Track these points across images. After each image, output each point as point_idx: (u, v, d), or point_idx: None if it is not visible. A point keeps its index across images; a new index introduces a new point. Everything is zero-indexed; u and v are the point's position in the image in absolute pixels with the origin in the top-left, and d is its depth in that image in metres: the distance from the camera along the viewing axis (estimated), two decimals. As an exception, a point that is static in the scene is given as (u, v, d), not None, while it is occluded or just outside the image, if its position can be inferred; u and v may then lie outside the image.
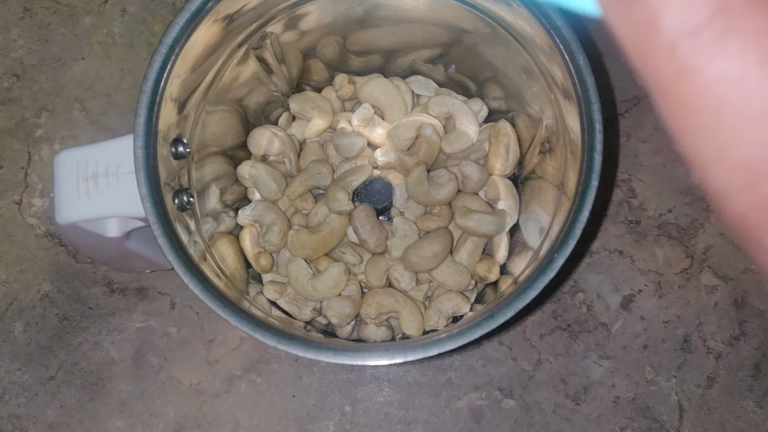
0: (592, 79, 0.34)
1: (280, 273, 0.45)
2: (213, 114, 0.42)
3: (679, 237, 0.56)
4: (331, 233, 0.44)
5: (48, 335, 0.54)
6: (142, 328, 0.54)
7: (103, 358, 0.54)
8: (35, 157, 0.57)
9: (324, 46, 0.46)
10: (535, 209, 0.44)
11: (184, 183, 0.37)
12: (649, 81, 0.18)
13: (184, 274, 0.32)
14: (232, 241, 0.45)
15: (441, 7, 0.41)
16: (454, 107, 0.45)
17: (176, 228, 0.33)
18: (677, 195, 0.57)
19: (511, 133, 0.44)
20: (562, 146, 0.38)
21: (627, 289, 0.55)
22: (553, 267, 0.32)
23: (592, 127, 0.33)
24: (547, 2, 0.33)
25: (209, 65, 0.39)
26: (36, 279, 0.55)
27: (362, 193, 0.46)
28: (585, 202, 0.32)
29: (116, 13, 0.59)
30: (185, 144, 0.37)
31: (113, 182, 0.35)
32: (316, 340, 0.32)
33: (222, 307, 0.32)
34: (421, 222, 0.44)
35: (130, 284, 0.55)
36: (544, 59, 0.37)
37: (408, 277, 0.44)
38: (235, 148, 0.46)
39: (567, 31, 0.34)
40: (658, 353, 0.54)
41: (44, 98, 0.58)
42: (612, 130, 0.57)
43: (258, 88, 0.46)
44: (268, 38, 0.41)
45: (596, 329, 0.55)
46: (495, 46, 0.42)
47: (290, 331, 0.32)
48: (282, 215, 0.45)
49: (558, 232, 0.33)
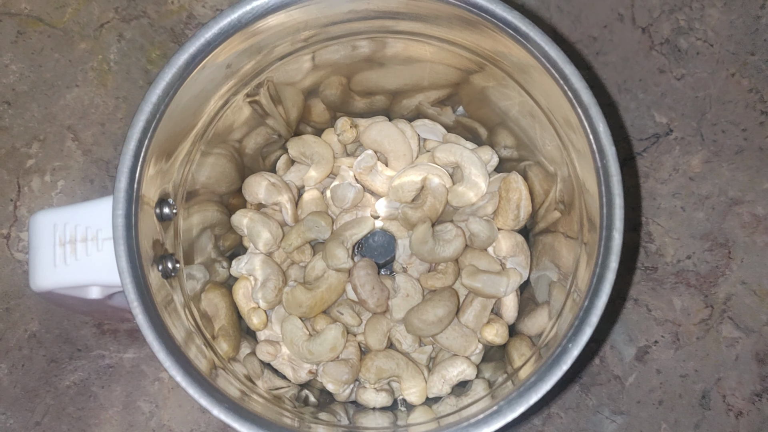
0: (612, 149, 0.31)
1: (275, 330, 0.42)
2: (206, 158, 0.39)
3: (698, 285, 0.53)
4: (329, 290, 0.41)
5: (35, 378, 0.52)
6: (133, 372, 0.52)
7: (92, 403, 0.52)
8: (25, 188, 0.55)
9: (327, 86, 0.43)
10: (549, 266, 0.41)
11: (168, 247, 0.35)
12: None
13: (165, 360, 0.29)
14: (226, 294, 0.42)
15: (449, 56, 0.38)
16: (462, 157, 0.42)
17: (159, 307, 0.31)
18: (697, 240, 0.54)
19: (523, 188, 0.41)
20: (578, 206, 0.36)
21: (642, 340, 0.53)
22: (565, 359, 0.29)
23: (611, 202, 0.31)
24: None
25: (200, 116, 0.36)
26: (23, 318, 0.53)
27: (363, 245, 0.44)
28: (602, 286, 0.30)
29: (112, 38, 0.57)
30: (171, 205, 0.35)
31: (92, 248, 0.32)
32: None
33: (206, 397, 0.30)
34: (425, 280, 0.42)
35: (120, 326, 0.53)
36: (560, 119, 0.34)
37: (411, 338, 0.42)
38: (229, 194, 0.44)
39: (586, 95, 0.31)
40: (674, 409, 0.52)
41: (36, 127, 0.56)
42: (628, 170, 0.55)
43: (255, 129, 0.43)
44: (264, 85, 0.39)
45: (609, 382, 0.52)
46: (506, 93, 0.39)
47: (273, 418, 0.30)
48: (277, 270, 0.42)
49: (572, 318, 0.30)
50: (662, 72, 0.56)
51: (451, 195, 0.42)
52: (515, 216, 0.41)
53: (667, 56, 0.56)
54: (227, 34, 0.33)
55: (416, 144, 0.45)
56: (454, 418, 0.34)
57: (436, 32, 0.37)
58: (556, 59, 0.31)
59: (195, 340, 0.35)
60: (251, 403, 0.35)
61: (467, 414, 0.31)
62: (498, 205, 0.42)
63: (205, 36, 0.33)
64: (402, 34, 0.38)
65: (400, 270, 0.44)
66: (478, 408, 0.31)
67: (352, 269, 0.41)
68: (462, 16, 0.33)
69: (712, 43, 0.56)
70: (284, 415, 0.36)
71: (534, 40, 0.32)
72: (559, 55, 0.31)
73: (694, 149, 0.55)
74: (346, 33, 0.37)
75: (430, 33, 0.37)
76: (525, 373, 0.33)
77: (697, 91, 0.56)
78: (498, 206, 0.42)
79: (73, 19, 0.57)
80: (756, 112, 0.55)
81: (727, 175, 0.55)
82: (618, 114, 0.55)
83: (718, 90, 0.56)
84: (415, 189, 0.42)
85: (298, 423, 0.36)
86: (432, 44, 0.38)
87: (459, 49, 0.37)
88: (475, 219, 0.41)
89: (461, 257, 0.42)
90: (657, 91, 0.55)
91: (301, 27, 0.36)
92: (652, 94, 0.55)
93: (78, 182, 0.55)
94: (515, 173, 0.41)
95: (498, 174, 0.44)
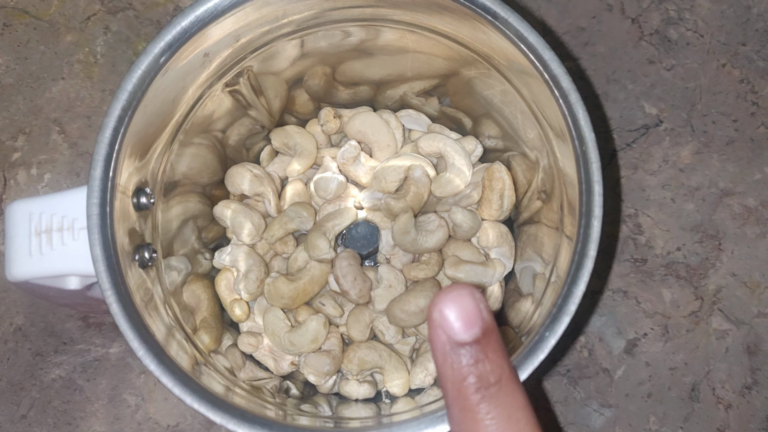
0: (592, 135, 0.30)
1: (257, 322, 0.42)
2: (186, 148, 0.39)
3: (688, 277, 0.53)
4: (312, 281, 0.41)
5: (20, 371, 0.52)
6: (119, 365, 0.52)
7: (77, 396, 0.51)
8: (11, 182, 0.55)
9: (311, 77, 0.43)
10: (533, 256, 0.41)
11: (147, 238, 0.35)
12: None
13: (138, 350, 0.29)
14: (208, 286, 0.42)
15: (432, 45, 0.38)
16: (446, 147, 0.41)
17: (134, 296, 0.31)
18: (687, 232, 0.53)
19: (507, 178, 0.41)
20: (558, 195, 0.35)
21: (631, 332, 0.52)
22: (542, 347, 0.29)
23: (590, 189, 0.30)
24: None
25: (178, 105, 0.36)
26: (8, 312, 0.52)
27: (346, 236, 0.43)
28: (581, 273, 0.29)
29: (99, 30, 0.56)
30: (149, 194, 0.34)
31: (68, 238, 0.32)
32: (283, 424, 0.29)
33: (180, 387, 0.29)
34: (408, 271, 0.41)
35: (106, 318, 0.52)
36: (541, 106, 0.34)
37: (393, 329, 0.41)
38: (212, 186, 0.43)
39: (566, 81, 0.31)
40: (663, 402, 0.51)
41: (21, 120, 0.55)
42: (614, 165, 0.54)
43: (238, 120, 0.43)
44: (244, 74, 0.38)
45: (597, 375, 0.52)
46: (491, 83, 0.39)
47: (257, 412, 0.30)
48: (260, 261, 0.42)
49: (550, 305, 0.30)
50: (652, 62, 0.55)
51: (435, 185, 0.42)
52: (499, 206, 0.41)
53: (657, 47, 0.55)
54: (204, 22, 0.33)
55: (401, 134, 0.44)
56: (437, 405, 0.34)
57: (416, 19, 0.37)
58: (535, 45, 0.31)
59: (175, 335, 0.35)
60: (233, 396, 0.34)
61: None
62: (482, 195, 0.42)
63: (181, 24, 0.32)
64: (380, 21, 0.38)
65: (383, 261, 0.44)
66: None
67: (334, 260, 0.41)
68: (439, 3, 0.33)
69: (703, 34, 0.56)
70: (267, 407, 0.36)
71: (512, 25, 0.31)
72: (538, 41, 0.31)
73: (684, 140, 0.55)
74: (325, 21, 0.37)
75: (409, 20, 0.37)
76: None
77: (687, 81, 0.55)
78: (482, 196, 0.42)
79: (59, 11, 0.57)
80: (747, 103, 0.55)
81: (718, 167, 0.54)
82: (610, 105, 0.55)
83: (708, 81, 0.55)
84: (399, 179, 0.42)
85: (282, 416, 0.35)
86: (414, 32, 0.38)
87: (440, 37, 0.37)
88: (458, 209, 0.40)
89: (445, 248, 0.42)
90: (646, 81, 0.55)
91: (281, 15, 0.35)
92: (641, 85, 0.55)
93: (64, 175, 0.54)
94: (498, 163, 0.41)
95: (482, 164, 0.43)
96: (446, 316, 0.21)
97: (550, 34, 0.55)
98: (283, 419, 0.34)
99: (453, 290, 0.21)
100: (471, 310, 0.21)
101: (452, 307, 0.21)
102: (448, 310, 0.21)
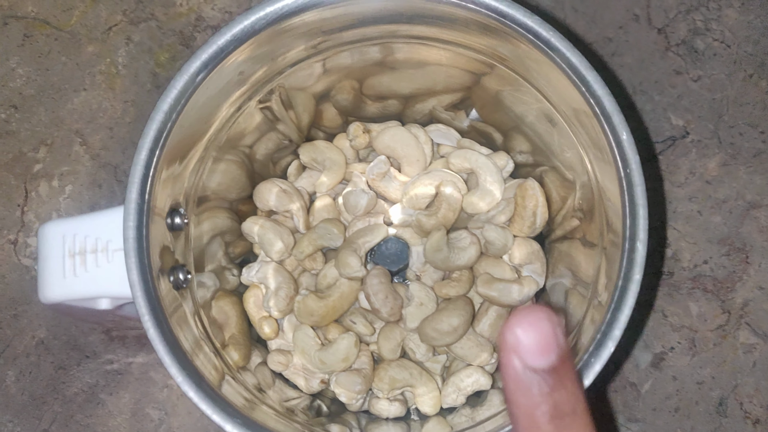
0: (636, 158, 0.30)
1: (287, 339, 0.42)
2: (217, 165, 0.39)
3: (715, 290, 0.52)
4: (342, 298, 0.40)
5: (42, 385, 0.51)
6: (142, 378, 0.52)
7: (100, 410, 0.51)
8: (32, 194, 0.54)
9: (338, 91, 0.43)
10: (565, 273, 0.40)
11: (179, 257, 0.34)
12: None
13: (177, 375, 0.29)
14: (236, 303, 0.42)
15: (464, 60, 0.37)
16: (477, 163, 0.41)
17: (170, 320, 0.30)
18: (714, 245, 0.53)
19: (540, 195, 0.40)
20: (599, 216, 0.35)
21: (658, 346, 0.52)
22: (587, 374, 0.28)
23: (634, 212, 0.30)
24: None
25: (211, 123, 0.36)
26: (31, 325, 0.52)
27: (375, 252, 0.43)
28: (625, 299, 0.29)
29: (120, 41, 0.56)
30: (182, 214, 0.34)
31: (102, 260, 0.32)
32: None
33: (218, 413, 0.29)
34: (439, 288, 0.41)
35: (129, 332, 0.52)
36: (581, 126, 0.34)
37: (424, 348, 0.41)
38: (239, 201, 0.43)
39: (609, 102, 0.30)
40: (691, 417, 0.51)
41: (43, 131, 0.55)
42: (650, 171, 0.53)
43: (266, 135, 0.42)
44: (276, 91, 0.38)
45: (624, 389, 0.51)
46: (522, 98, 0.38)
47: None
48: (289, 278, 0.41)
49: (594, 332, 0.29)
50: (678, 73, 0.55)
51: (466, 203, 0.41)
52: (531, 223, 0.41)
53: (684, 57, 0.55)
54: (240, 40, 0.32)
55: (430, 149, 0.44)
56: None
57: (452, 37, 0.36)
58: (577, 65, 0.31)
59: (204, 350, 0.34)
60: (261, 414, 0.34)
61: (488, 430, 0.30)
62: (514, 212, 0.41)
63: (217, 43, 0.32)
64: (415, 38, 0.37)
65: (413, 278, 0.43)
66: (499, 423, 0.31)
67: (365, 277, 0.40)
68: (480, 21, 0.32)
69: (730, 44, 0.55)
70: (295, 427, 0.36)
71: (555, 45, 0.31)
72: (580, 61, 0.31)
73: (711, 152, 0.54)
74: (359, 38, 0.36)
75: (445, 38, 0.36)
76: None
77: (714, 92, 0.55)
78: (514, 213, 0.41)
79: (80, 21, 0.57)
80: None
81: (745, 179, 0.54)
82: (637, 116, 0.54)
83: (735, 91, 0.55)
84: (429, 195, 0.41)
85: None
86: (447, 49, 0.37)
87: (474, 53, 0.36)
88: (491, 226, 0.40)
89: (476, 265, 0.41)
90: (673, 92, 0.54)
91: (315, 32, 0.35)
92: (668, 96, 0.54)
93: (86, 187, 0.54)
94: (531, 179, 0.40)
95: (514, 180, 0.43)
96: (521, 340, 0.20)
97: (578, 45, 0.54)
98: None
99: (529, 312, 0.20)
100: (548, 334, 0.20)
101: (528, 330, 0.20)
102: (523, 334, 0.19)
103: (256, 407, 0.34)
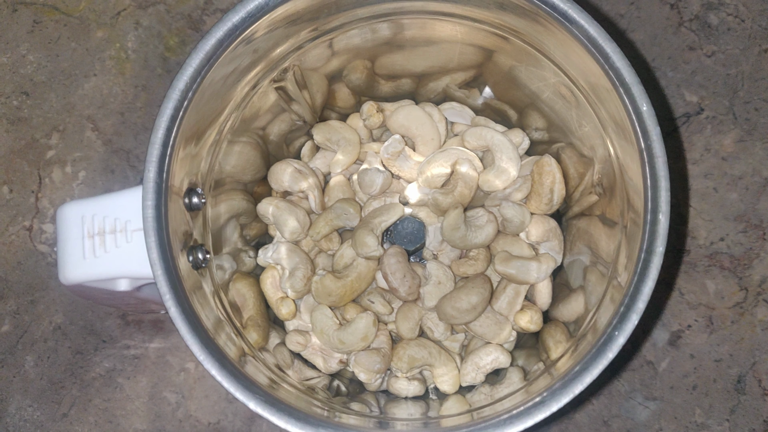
0: (657, 129, 0.30)
1: (304, 320, 0.42)
2: (233, 146, 0.39)
3: (732, 268, 0.52)
4: (359, 278, 0.40)
5: (60, 370, 0.52)
6: (159, 362, 0.52)
7: (118, 394, 0.51)
8: (46, 180, 0.54)
9: (351, 71, 0.42)
10: (583, 250, 0.40)
11: (198, 238, 0.34)
12: None
13: (199, 353, 0.29)
14: (253, 284, 0.42)
15: (481, 36, 0.37)
16: (492, 141, 0.41)
17: (191, 298, 0.30)
18: (730, 222, 0.53)
19: (557, 171, 0.40)
20: (619, 190, 0.35)
21: (675, 324, 0.52)
22: (611, 347, 0.28)
23: (656, 184, 0.29)
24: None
25: (227, 103, 0.35)
26: (48, 310, 0.52)
27: (392, 232, 0.43)
28: (648, 271, 0.29)
29: (129, 26, 0.56)
30: (200, 194, 0.34)
31: (121, 240, 0.32)
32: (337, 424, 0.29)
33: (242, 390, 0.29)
34: (456, 267, 0.41)
35: (145, 316, 0.52)
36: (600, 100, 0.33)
37: (443, 326, 0.41)
38: (254, 183, 0.43)
39: (628, 74, 0.30)
40: (709, 395, 0.51)
41: (55, 117, 0.55)
42: (670, 145, 0.53)
43: (279, 116, 0.42)
44: (290, 70, 0.38)
45: (641, 368, 0.51)
46: (540, 73, 0.38)
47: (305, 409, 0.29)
48: (306, 258, 0.41)
49: (617, 305, 0.29)
50: (692, 49, 0.54)
51: (482, 180, 0.41)
52: (548, 200, 0.40)
53: (697, 33, 0.54)
54: (254, 18, 0.32)
55: (444, 128, 0.44)
56: (490, 410, 0.34)
57: (466, 11, 0.36)
58: (596, 37, 0.30)
59: (225, 329, 0.34)
60: (284, 393, 0.34)
61: (507, 406, 0.30)
62: (530, 189, 0.41)
63: (232, 20, 0.32)
64: (430, 13, 0.37)
65: (430, 257, 0.43)
66: (518, 400, 0.31)
67: (382, 257, 0.40)
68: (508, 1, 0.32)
69: (744, 19, 0.55)
70: (315, 404, 0.36)
71: (572, 17, 0.31)
72: (599, 33, 0.30)
73: (726, 128, 0.54)
74: (374, 15, 0.36)
75: (460, 12, 0.36)
76: (565, 364, 0.32)
77: (728, 68, 0.54)
78: (530, 190, 0.41)
79: (89, 7, 0.56)
80: (790, 89, 0.54)
81: (761, 155, 0.53)
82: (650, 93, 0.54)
83: (750, 67, 0.54)
84: (445, 174, 0.41)
85: (329, 413, 0.35)
86: (462, 23, 0.37)
87: (491, 28, 0.36)
88: (509, 204, 0.40)
89: (493, 243, 0.41)
90: (687, 68, 0.54)
91: (330, 9, 0.35)
92: (681, 72, 0.54)
93: (99, 172, 0.54)
94: (548, 156, 0.40)
95: (530, 157, 0.43)
96: None
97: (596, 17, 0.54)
98: (330, 417, 0.34)
99: None
100: None
101: None
102: None
103: (278, 386, 0.34)
